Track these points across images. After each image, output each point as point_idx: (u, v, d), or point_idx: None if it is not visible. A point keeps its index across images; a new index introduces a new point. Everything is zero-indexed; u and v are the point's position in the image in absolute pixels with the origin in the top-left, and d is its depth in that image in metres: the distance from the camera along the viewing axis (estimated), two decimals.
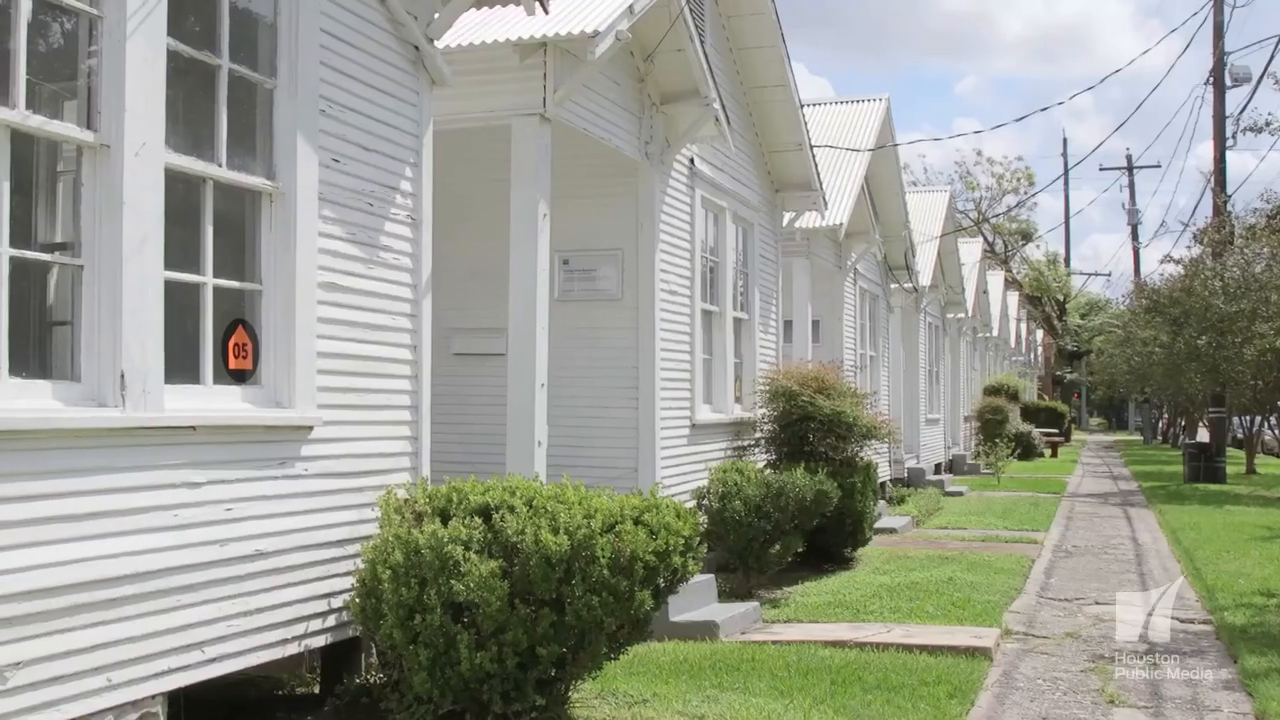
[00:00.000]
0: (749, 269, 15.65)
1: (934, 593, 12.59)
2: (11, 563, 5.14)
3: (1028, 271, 73.99)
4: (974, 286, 36.78)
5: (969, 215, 66.75)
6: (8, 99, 5.32)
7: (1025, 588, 13.40)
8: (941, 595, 12.44)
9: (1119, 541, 18.23)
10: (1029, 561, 15.38)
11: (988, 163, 74.01)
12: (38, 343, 6.19)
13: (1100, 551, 16.94)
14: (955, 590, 12.73)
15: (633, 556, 6.59)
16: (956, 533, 18.79)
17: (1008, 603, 12.27)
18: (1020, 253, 75.33)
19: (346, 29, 7.45)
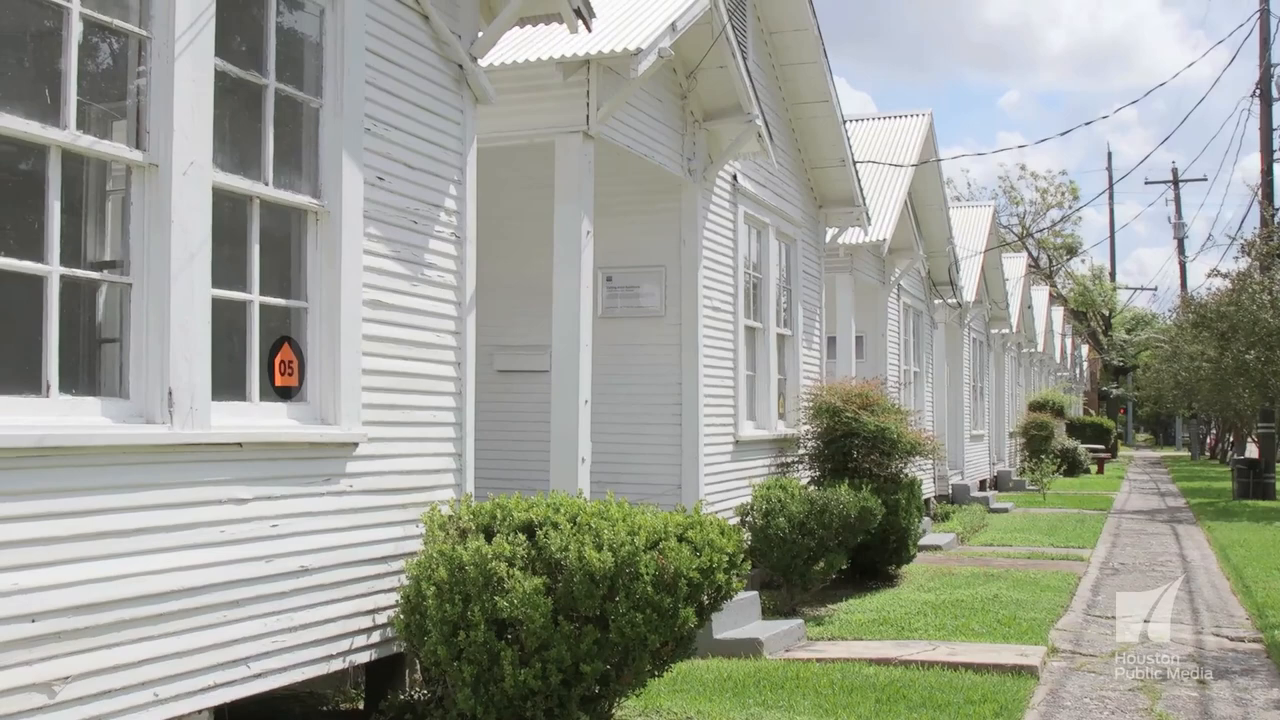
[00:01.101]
0: (792, 285, 15.63)
1: (979, 610, 12.51)
2: (60, 578, 5.19)
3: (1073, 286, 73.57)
4: (1018, 302, 36.59)
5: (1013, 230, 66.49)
6: (58, 120, 5.38)
7: (1072, 605, 13.28)
8: (987, 613, 12.36)
9: (1167, 559, 18.05)
10: (1075, 579, 15.26)
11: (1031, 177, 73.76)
12: (87, 360, 6.25)
13: (1148, 569, 16.78)
14: (1001, 608, 12.65)
15: (676, 573, 6.57)
16: (1002, 550, 18.66)
17: (1054, 620, 12.17)
18: (1065, 267, 74.89)
19: (391, 48, 7.50)
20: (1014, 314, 35.44)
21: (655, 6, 10.72)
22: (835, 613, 12.60)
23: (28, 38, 5.72)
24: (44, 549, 5.12)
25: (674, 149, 11.84)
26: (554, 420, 9.89)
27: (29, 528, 5.06)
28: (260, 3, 6.71)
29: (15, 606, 4.98)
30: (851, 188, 16.60)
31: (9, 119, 5.11)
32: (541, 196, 10.55)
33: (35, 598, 5.06)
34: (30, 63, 5.79)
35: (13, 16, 5.42)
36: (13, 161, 5.55)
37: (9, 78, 5.38)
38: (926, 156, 21.80)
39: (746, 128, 12.20)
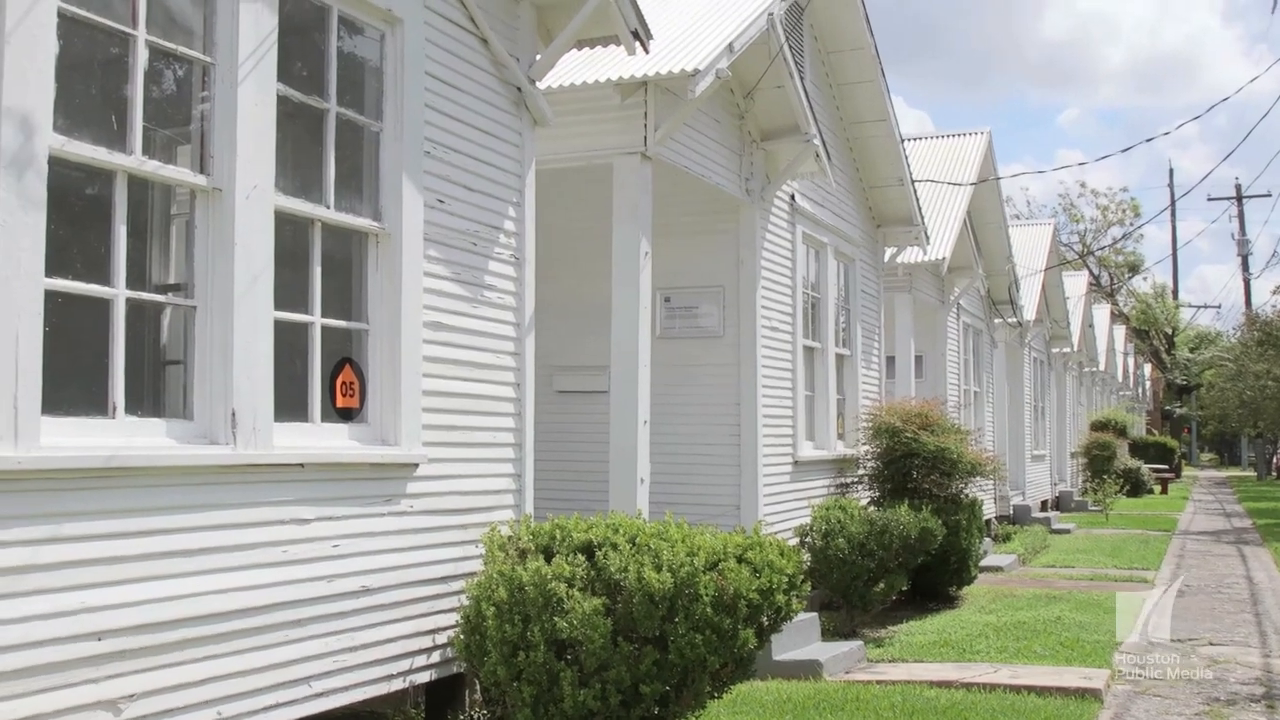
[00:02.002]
0: (851, 304, 15.58)
1: (1041, 632, 12.39)
2: (126, 597, 5.25)
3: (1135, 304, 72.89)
4: (1079, 320, 36.25)
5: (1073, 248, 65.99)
6: (125, 145, 5.47)
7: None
8: (1049, 635, 12.24)
9: (1233, 580, 17.81)
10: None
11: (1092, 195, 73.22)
12: (152, 381, 6.32)
13: (1214, 591, 16.56)
14: (1063, 630, 12.52)
15: (736, 594, 6.56)
16: (1064, 571, 18.47)
17: (1118, 643, 12.03)
18: (1127, 285, 74.23)
19: (450, 71, 7.56)
20: (1075, 333, 35.12)
21: (712, 27, 10.75)
22: (895, 634, 12.52)
23: (95, 65, 5.82)
24: (111, 568, 5.18)
25: (732, 169, 11.84)
26: (613, 440, 9.90)
27: (96, 547, 5.13)
28: (321, 28, 6.79)
29: (83, 625, 5.04)
30: (910, 207, 16.54)
31: (78, 145, 5.20)
32: (600, 217, 10.58)
33: (102, 616, 5.13)
34: (97, 89, 5.88)
35: (81, 45, 5.51)
36: (80, 186, 5.63)
37: (77, 104, 5.46)
38: (985, 175, 21.68)
39: (804, 147, 12.19)
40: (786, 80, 11.76)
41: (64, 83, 5.15)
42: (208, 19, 5.99)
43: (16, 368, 4.78)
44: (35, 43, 4.92)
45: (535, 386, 8.32)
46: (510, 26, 8.16)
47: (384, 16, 7.05)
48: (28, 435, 4.81)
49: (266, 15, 6.11)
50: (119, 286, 5.43)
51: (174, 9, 6.06)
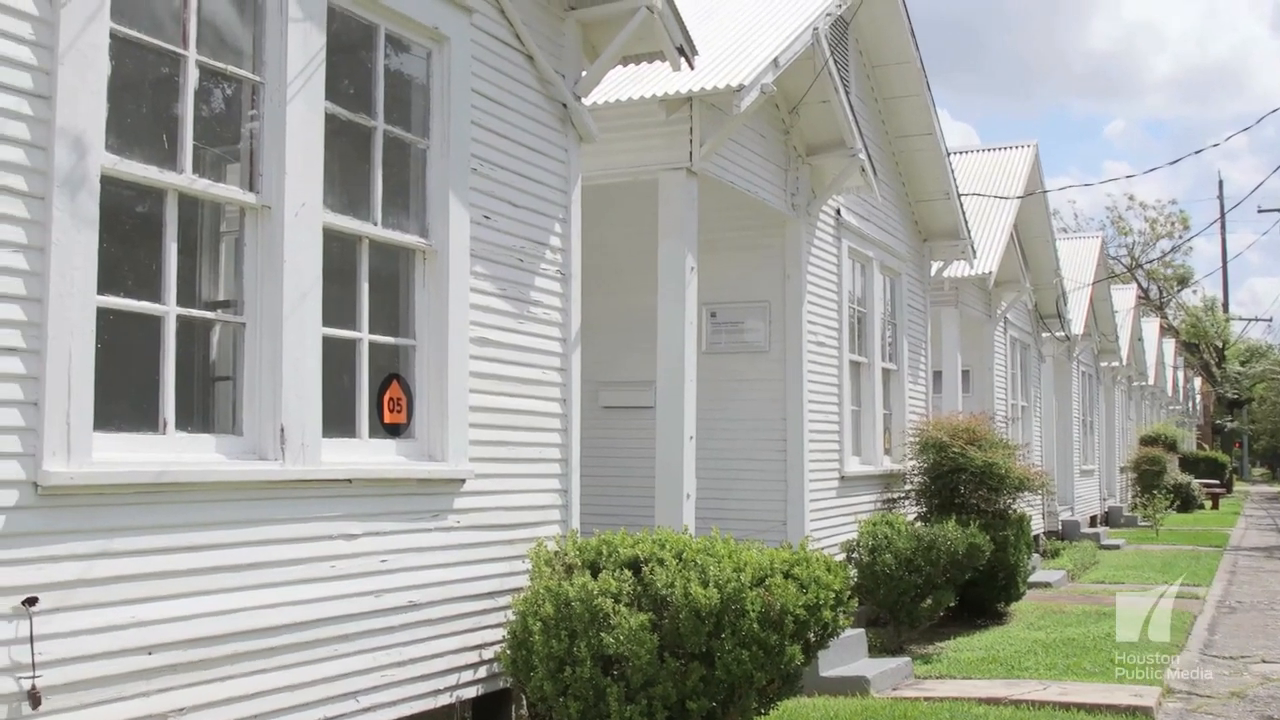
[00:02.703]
0: (897, 319, 15.53)
1: (1091, 649, 12.27)
2: (177, 611, 5.29)
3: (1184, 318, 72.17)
4: (1128, 334, 35.97)
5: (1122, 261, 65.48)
6: (175, 164, 5.53)
7: (1187, 644, 12.98)
8: (1099, 652, 12.12)
9: None
10: (1190, 617, 14.92)
11: (1140, 207, 72.63)
12: (202, 397, 6.38)
13: (1266, 607, 16.37)
14: (1114, 647, 12.40)
15: (783, 610, 6.54)
16: (1114, 587, 18.28)
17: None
18: (1176, 299, 73.56)
19: (496, 89, 7.60)
20: (1124, 346, 34.85)
21: (757, 43, 10.76)
22: (943, 651, 12.45)
23: (146, 85, 5.88)
24: (161, 583, 5.23)
25: (777, 184, 11.84)
26: (659, 456, 9.90)
27: (147, 562, 5.17)
28: (368, 46, 6.84)
29: (134, 639, 5.09)
30: (956, 220, 16.48)
31: (129, 164, 5.25)
32: (645, 233, 10.60)
33: (153, 630, 5.17)
34: (148, 109, 5.94)
35: (132, 65, 5.58)
36: (131, 204, 5.69)
37: (128, 124, 5.53)
38: (1032, 188, 21.57)
39: (850, 162, 12.17)
40: (831, 95, 11.75)
41: (115, 102, 5.21)
42: (257, 39, 6.05)
43: (69, 384, 4.83)
44: (87, 63, 4.98)
45: (581, 402, 8.33)
46: (555, 43, 8.19)
47: (430, 34, 7.10)
48: (80, 451, 4.87)
49: (315, 34, 6.17)
50: (170, 303, 5.49)
51: (223, 29, 6.13)
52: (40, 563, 4.75)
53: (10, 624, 4.63)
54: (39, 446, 4.74)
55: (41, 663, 4.71)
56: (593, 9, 8.29)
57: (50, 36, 4.86)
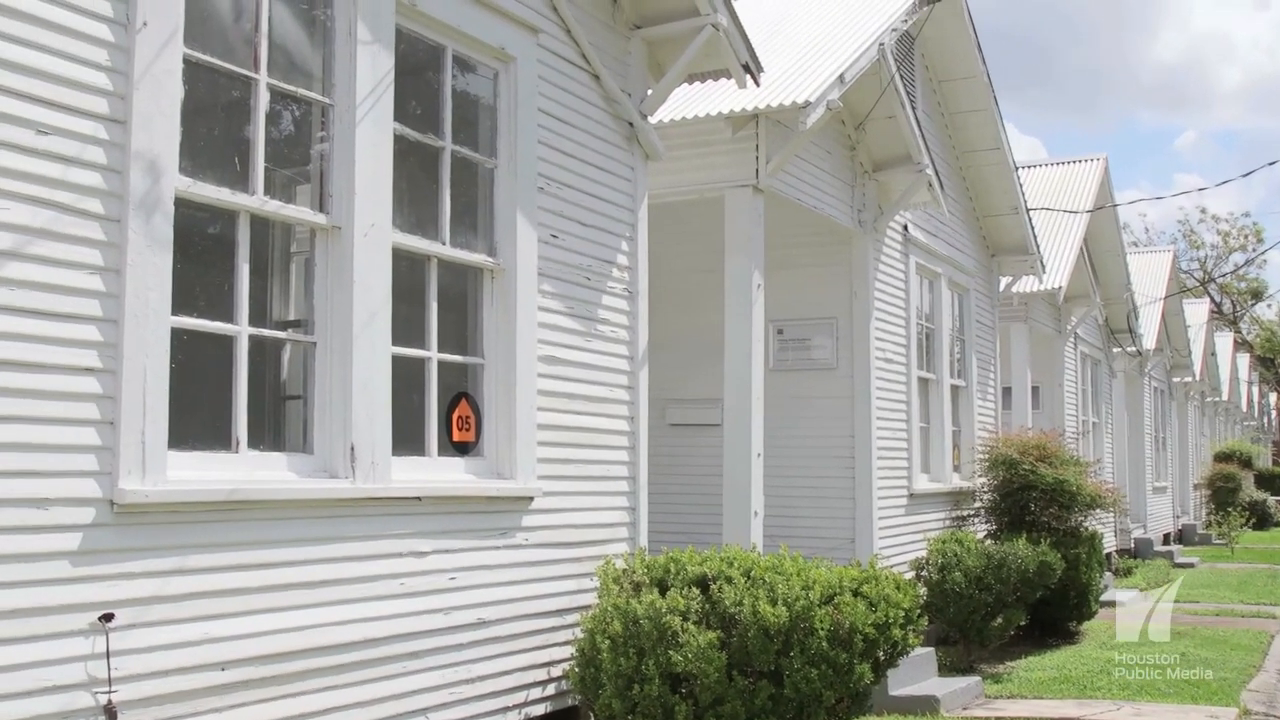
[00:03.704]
0: (965, 335, 15.43)
1: (1165, 669, 12.09)
2: (249, 628, 5.34)
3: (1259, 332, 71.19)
4: (1201, 349, 35.54)
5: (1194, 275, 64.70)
6: (247, 186, 5.60)
7: (1265, 665, 12.77)
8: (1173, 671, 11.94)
9: None
10: (1268, 637, 14.67)
11: (1212, 220, 71.65)
12: (273, 416, 6.43)
13: None
14: (1188, 667, 12.22)
15: (852, 629, 6.51)
16: (1188, 606, 18.03)
17: (1245, 681, 11.70)
18: (1250, 313, 72.55)
19: (563, 108, 7.63)
20: (1196, 361, 34.43)
21: (823, 59, 10.74)
22: (1014, 670, 12.32)
23: (218, 108, 5.96)
24: (234, 599, 5.29)
25: (844, 200, 11.81)
26: (726, 473, 9.89)
27: (220, 579, 5.23)
28: (436, 67, 6.90)
29: (207, 655, 5.15)
30: (1025, 235, 16.36)
31: (202, 186, 5.33)
32: (712, 250, 10.60)
33: (226, 646, 5.23)
34: (220, 132, 6.02)
35: (204, 89, 5.66)
36: (203, 226, 5.76)
37: (201, 147, 5.60)
38: (1102, 202, 21.37)
39: (917, 177, 12.12)
40: (898, 110, 11.71)
41: (189, 126, 5.29)
42: (326, 61, 6.13)
43: (144, 403, 4.90)
44: (162, 88, 5.06)
45: (648, 419, 8.33)
46: (621, 62, 8.22)
47: (497, 55, 7.15)
48: (155, 469, 4.93)
49: (383, 56, 6.23)
50: (242, 323, 5.56)
51: (294, 52, 6.21)
52: (116, 579, 4.82)
53: (87, 640, 4.70)
54: (115, 465, 4.81)
55: (117, 678, 4.78)
56: (658, 27, 8.32)
57: (125, 63, 4.95)
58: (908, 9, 12.07)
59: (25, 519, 4.53)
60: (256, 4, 5.71)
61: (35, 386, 4.59)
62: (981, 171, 15.68)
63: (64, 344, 4.70)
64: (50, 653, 4.57)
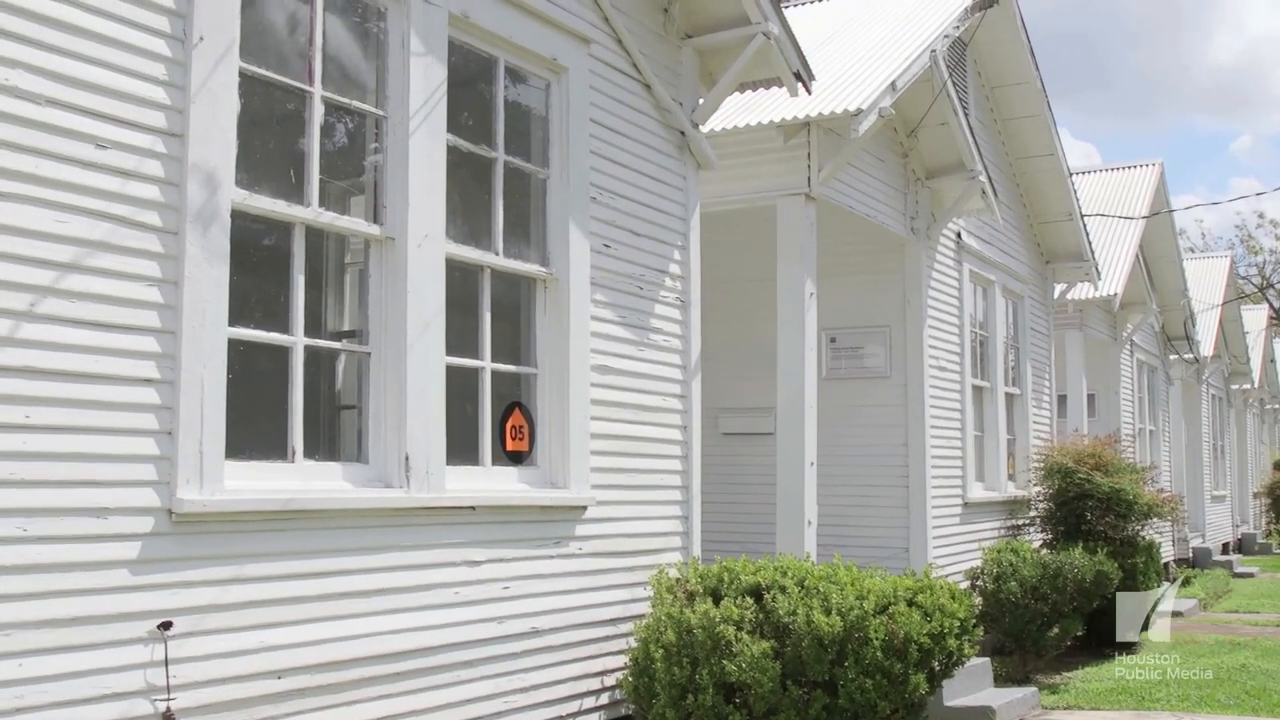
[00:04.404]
0: (1020, 342, 15.34)
1: (1225, 680, 11.96)
2: (305, 636, 5.38)
3: None
4: (1260, 355, 35.09)
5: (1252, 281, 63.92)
6: (302, 198, 5.65)
7: None
8: (1234, 683, 11.81)
9: None
10: None
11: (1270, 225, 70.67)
12: (328, 426, 6.48)
13: None
14: (1249, 678, 12.07)
15: (906, 639, 6.48)
16: (1248, 617, 17.83)
17: None
18: None
19: (614, 118, 7.65)
20: (1255, 369, 34.01)
21: (874, 66, 10.71)
22: (1070, 681, 12.22)
23: (273, 121, 6.02)
24: (290, 608, 5.32)
25: (896, 208, 11.76)
26: (779, 482, 9.87)
27: (277, 587, 5.27)
28: (488, 78, 6.93)
29: (264, 663, 5.18)
30: (1079, 242, 16.24)
31: (258, 199, 5.38)
32: (763, 259, 10.59)
33: (282, 655, 5.26)
34: (275, 144, 6.08)
35: (260, 102, 5.71)
36: (258, 238, 5.81)
37: (257, 159, 5.66)
38: (1157, 207, 21.19)
39: (970, 185, 12.06)
40: (950, 117, 11.66)
41: (244, 139, 5.33)
42: (380, 73, 6.17)
43: (202, 414, 4.95)
44: (218, 102, 5.11)
45: (701, 428, 8.32)
46: (673, 72, 8.23)
47: (549, 65, 7.17)
48: (212, 479, 4.98)
49: (436, 68, 6.27)
50: (297, 334, 5.60)
51: (347, 64, 6.26)
52: (174, 588, 4.87)
53: (146, 648, 4.75)
54: (173, 475, 4.86)
55: (175, 686, 4.82)
56: (709, 36, 8.32)
57: (182, 77, 5.00)
58: (960, 15, 12.03)
59: (86, 528, 4.58)
60: (311, 18, 5.77)
61: (95, 397, 4.64)
62: (1035, 178, 15.59)
63: (123, 355, 4.75)
64: (110, 660, 4.62)
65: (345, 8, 6.17)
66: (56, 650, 4.46)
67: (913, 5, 12.69)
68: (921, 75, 10.93)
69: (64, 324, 4.56)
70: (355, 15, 6.25)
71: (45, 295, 4.50)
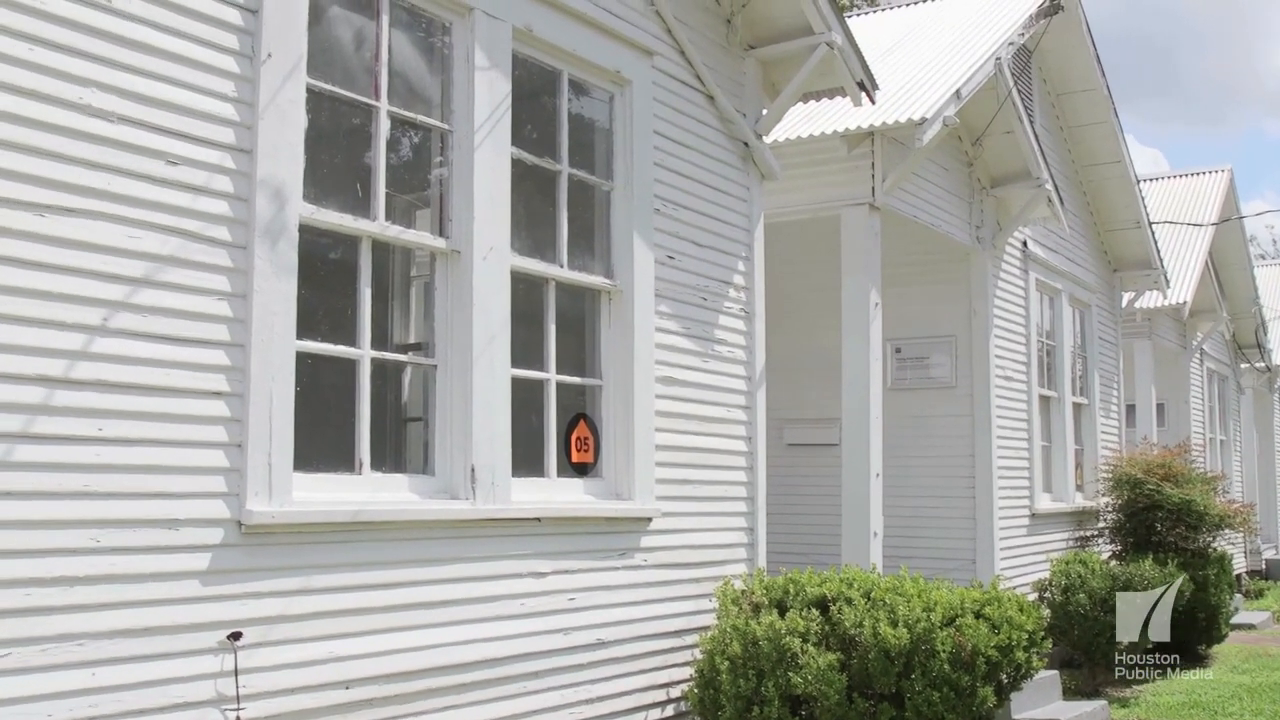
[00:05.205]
0: (1087, 352, 15.19)
1: None
2: (372, 647, 5.41)
3: None
4: None
5: None
6: (368, 212, 5.69)
7: None
8: None
9: None
10: None
11: None
12: (394, 438, 6.53)
13: None
14: None
15: (974, 651, 6.43)
16: None
17: None
18: None
19: (678, 129, 7.65)
20: None
21: (938, 75, 10.66)
22: (1141, 694, 12.06)
23: (340, 136, 6.07)
24: (358, 619, 5.36)
25: (961, 217, 11.69)
26: (844, 493, 9.82)
27: (344, 598, 5.31)
28: (552, 91, 6.96)
29: (332, 674, 5.22)
30: (1147, 249, 16.07)
31: (326, 213, 5.43)
32: (827, 269, 10.56)
33: (350, 665, 5.30)
34: (342, 159, 6.13)
35: (326, 117, 5.77)
36: (325, 251, 5.86)
37: (324, 174, 5.71)
38: (1227, 214, 20.93)
39: (1036, 193, 11.97)
40: (1016, 125, 11.57)
41: (312, 154, 5.38)
42: (445, 87, 6.21)
43: (270, 426, 5.00)
44: (286, 118, 5.16)
45: (765, 439, 8.30)
46: (736, 83, 8.23)
47: (613, 78, 7.19)
48: (281, 491, 5.02)
49: (500, 81, 6.30)
50: (364, 347, 5.65)
51: (413, 79, 6.31)
52: (244, 599, 4.91)
53: (216, 658, 4.79)
54: (242, 487, 4.91)
55: (245, 695, 4.86)
56: (772, 47, 8.31)
57: (251, 93, 5.06)
58: (1024, 23, 11.95)
59: (157, 539, 4.64)
60: (377, 34, 5.82)
61: (166, 410, 4.70)
62: (1102, 185, 15.45)
63: (193, 368, 4.80)
64: (181, 670, 4.67)
65: (410, 23, 6.22)
66: (129, 660, 4.51)
67: (976, 14, 12.63)
68: (986, 83, 10.87)
69: (136, 338, 4.62)
70: (420, 30, 6.30)
71: (118, 310, 4.56)
